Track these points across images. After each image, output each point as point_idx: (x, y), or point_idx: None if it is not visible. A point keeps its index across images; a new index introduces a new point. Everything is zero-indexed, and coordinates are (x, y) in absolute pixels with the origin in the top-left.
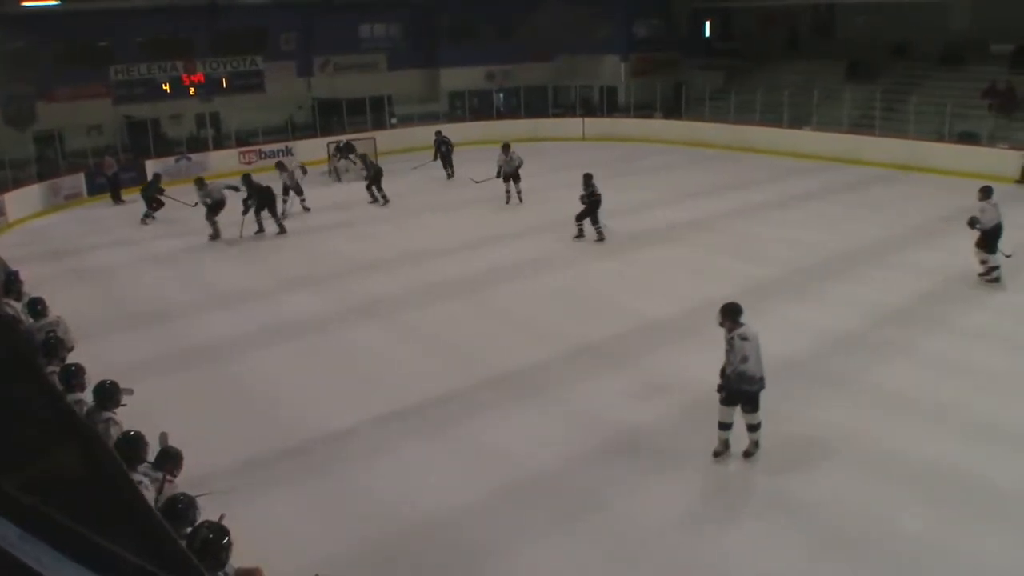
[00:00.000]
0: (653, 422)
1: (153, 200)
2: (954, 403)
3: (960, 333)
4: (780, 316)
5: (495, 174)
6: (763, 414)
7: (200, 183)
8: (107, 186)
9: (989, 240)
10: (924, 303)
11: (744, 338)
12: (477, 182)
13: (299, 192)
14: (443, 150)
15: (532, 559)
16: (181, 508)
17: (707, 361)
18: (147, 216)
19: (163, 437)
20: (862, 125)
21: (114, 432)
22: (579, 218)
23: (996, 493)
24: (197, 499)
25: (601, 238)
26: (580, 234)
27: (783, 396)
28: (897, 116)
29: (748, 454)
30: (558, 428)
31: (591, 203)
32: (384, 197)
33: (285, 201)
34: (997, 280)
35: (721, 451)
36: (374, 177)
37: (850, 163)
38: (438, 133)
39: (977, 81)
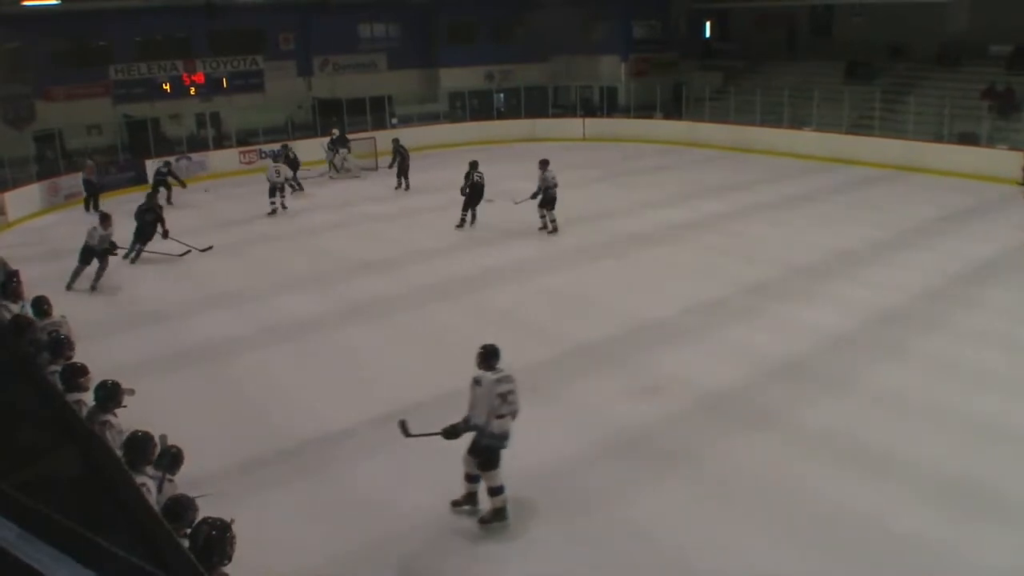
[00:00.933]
0: (650, 423)
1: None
2: (952, 404)
3: (959, 333)
4: (778, 316)
5: (532, 195)
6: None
7: (105, 221)
8: (84, 192)
9: None
10: (922, 303)
11: (477, 382)
12: (516, 203)
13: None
14: (397, 159)
15: (530, 561)
16: (180, 509)
17: (705, 362)
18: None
19: (163, 439)
20: (861, 126)
21: (110, 436)
22: (464, 208)
23: (996, 495)
24: (195, 499)
25: (461, 225)
26: (462, 223)
27: (782, 396)
28: (896, 117)
29: (483, 521)
30: (555, 429)
31: (470, 193)
32: (293, 188)
33: (279, 201)
34: None
35: (461, 502)
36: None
37: (849, 164)
38: (395, 141)
39: (975, 82)
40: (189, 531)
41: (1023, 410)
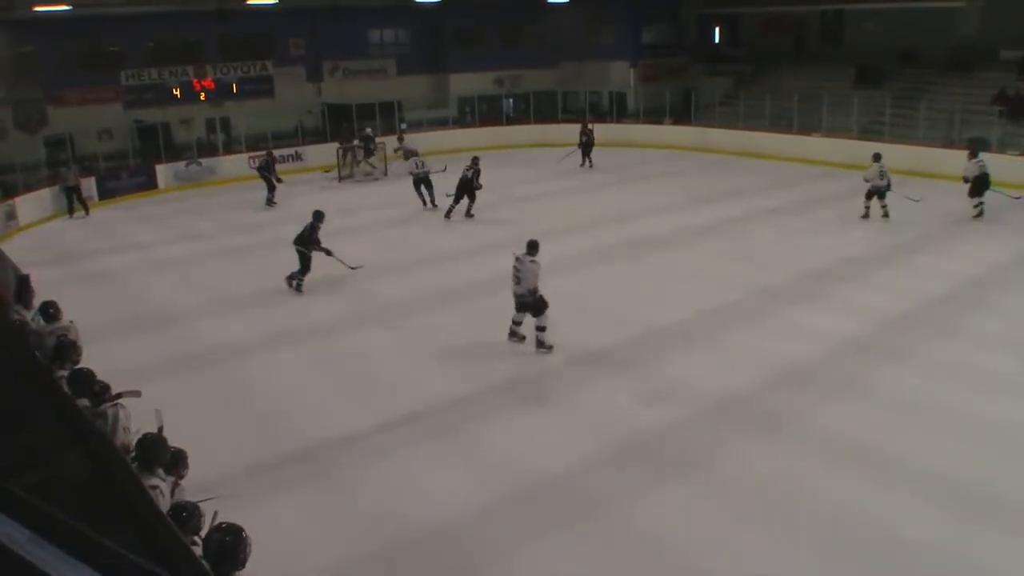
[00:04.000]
0: (658, 428)
1: (271, 180)
2: (961, 408)
3: (968, 338)
4: (787, 321)
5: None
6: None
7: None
8: (64, 198)
9: None
10: (932, 308)
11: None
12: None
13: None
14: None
15: (535, 564)
16: (186, 516)
17: (714, 366)
18: (270, 200)
19: (158, 414)
20: (871, 131)
21: (122, 416)
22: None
23: (1002, 500)
24: (202, 504)
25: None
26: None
27: (790, 400)
28: (906, 122)
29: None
30: (563, 434)
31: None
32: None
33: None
34: None
35: (515, 340)
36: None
37: (859, 169)
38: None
39: (986, 87)
40: (196, 537)
41: None
